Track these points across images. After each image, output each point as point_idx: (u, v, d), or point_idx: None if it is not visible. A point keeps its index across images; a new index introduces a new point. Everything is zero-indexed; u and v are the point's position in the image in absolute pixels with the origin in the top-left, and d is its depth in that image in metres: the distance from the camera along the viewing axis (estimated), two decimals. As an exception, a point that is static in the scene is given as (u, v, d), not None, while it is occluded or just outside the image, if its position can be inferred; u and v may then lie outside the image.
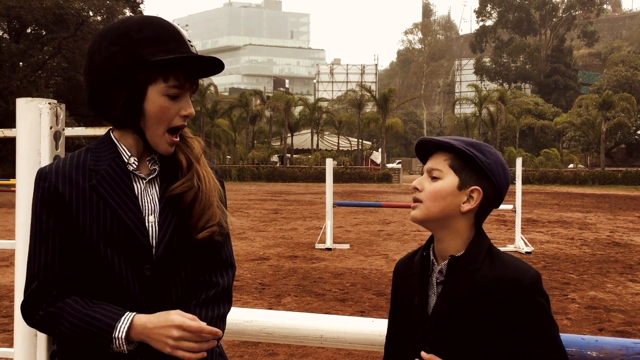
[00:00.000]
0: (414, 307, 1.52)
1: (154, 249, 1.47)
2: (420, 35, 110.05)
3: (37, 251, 1.42)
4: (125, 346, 1.37)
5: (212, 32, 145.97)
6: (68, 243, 1.42)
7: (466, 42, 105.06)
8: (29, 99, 1.53)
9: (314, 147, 51.68)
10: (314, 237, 12.08)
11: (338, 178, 41.45)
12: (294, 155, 53.45)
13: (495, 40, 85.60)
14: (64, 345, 1.49)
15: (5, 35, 37.09)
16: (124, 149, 1.49)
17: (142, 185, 1.50)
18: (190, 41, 1.51)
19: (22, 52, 34.64)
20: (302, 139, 55.66)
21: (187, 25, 48.76)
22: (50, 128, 1.58)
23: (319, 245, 10.85)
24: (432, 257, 1.53)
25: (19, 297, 1.61)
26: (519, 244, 10.55)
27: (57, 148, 1.59)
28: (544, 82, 74.90)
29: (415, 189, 1.51)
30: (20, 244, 1.59)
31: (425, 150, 1.55)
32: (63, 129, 1.62)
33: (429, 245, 1.57)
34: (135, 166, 1.50)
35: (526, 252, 10.27)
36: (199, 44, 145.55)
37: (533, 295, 1.43)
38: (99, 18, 37.10)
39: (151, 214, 1.49)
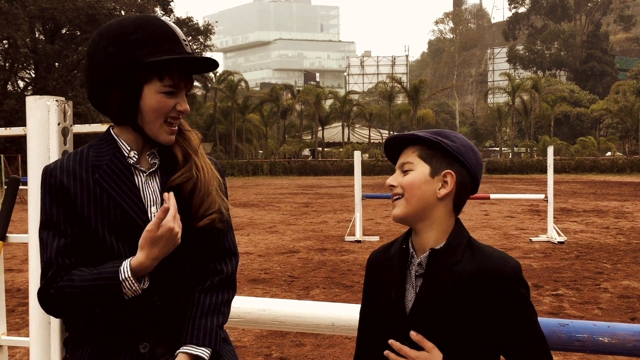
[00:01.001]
0: (391, 300, 1.51)
1: None
2: (451, 24, 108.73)
3: (49, 241, 1.48)
4: (136, 285, 1.43)
5: (242, 27, 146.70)
6: (78, 233, 1.48)
7: (499, 30, 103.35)
8: (38, 96, 1.60)
9: (345, 140, 51.63)
10: (343, 229, 12.11)
11: (369, 171, 41.40)
12: (325, 149, 53.50)
13: (528, 28, 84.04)
14: (75, 329, 1.55)
15: (41, 37, 37.96)
16: (124, 144, 1.56)
17: (143, 178, 1.56)
18: (185, 40, 1.55)
19: (57, 53, 35.44)
20: (333, 132, 55.67)
21: (216, 22, 49.04)
22: (58, 124, 1.64)
23: (348, 238, 10.87)
24: (411, 250, 1.53)
25: (33, 287, 1.67)
26: (552, 234, 10.39)
27: (65, 143, 1.66)
28: (579, 68, 73.29)
29: (391, 186, 1.52)
30: (33, 236, 1.65)
31: (394, 150, 1.57)
32: (71, 125, 1.68)
33: (407, 238, 1.56)
34: (135, 159, 1.56)
35: (559, 242, 10.11)
36: (230, 40, 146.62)
37: (515, 286, 1.44)
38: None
39: (153, 205, 1.55)
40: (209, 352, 1.51)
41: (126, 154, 1.55)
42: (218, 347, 1.54)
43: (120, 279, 1.41)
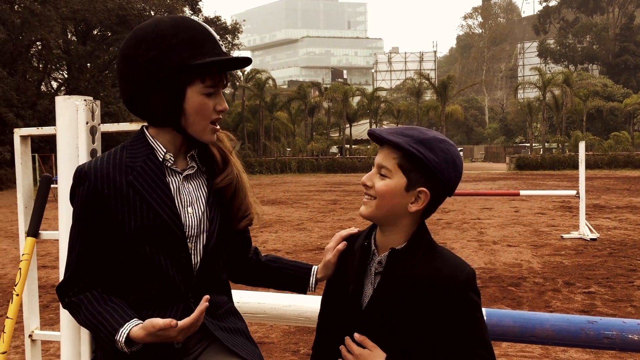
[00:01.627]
0: (348, 294, 1.54)
1: (193, 238, 1.57)
2: (480, 19, 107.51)
3: (74, 243, 1.54)
4: (126, 349, 1.46)
5: (270, 26, 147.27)
6: (103, 238, 1.52)
7: (529, 24, 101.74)
8: (67, 96, 1.63)
9: (373, 137, 51.41)
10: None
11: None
12: (353, 146, 53.42)
13: (559, 21, 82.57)
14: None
15: (73, 38, 38.67)
16: (159, 146, 1.58)
17: (179, 179, 1.59)
18: (220, 40, 1.58)
19: (89, 54, 36.08)
20: (361, 129, 55.52)
21: (244, 21, 49.32)
22: (87, 123, 1.68)
23: (376, 235, 10.83)
24: (373, 247, 1.55)
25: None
26: (584, 231, 10.21)
27: (93, 142, 1.69)
28: (612, 62, 71.76)
29: (365, 185, 1.51)
30: (63, 234, 1.69)
31: (378, 140, 1.53)
32: (99, 124, 1.71)
33: (370, 234, 1.58)
34: (171, 162, 1.58)
35: (591, 239, 9.93)
36: (257, 39, 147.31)
37: (468, 293, 1.46)
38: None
39: (189, 206, 1.58)
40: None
41: (161, 157, 1.57)
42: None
43: (115, 338, 1.45)
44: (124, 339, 1.44)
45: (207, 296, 1.44)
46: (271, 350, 4.76)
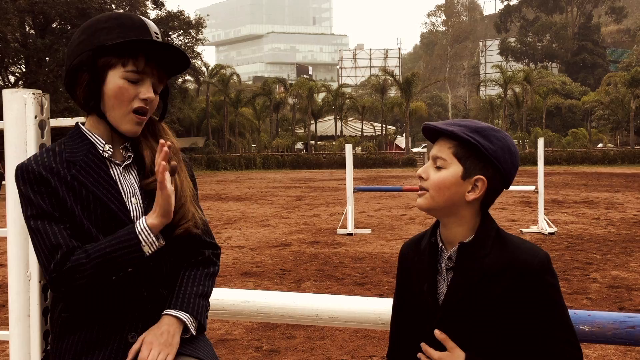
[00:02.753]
0: (424, 294, 1.51)
1: None
2: (443, 17, 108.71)
3: (49, 229, 1.46)
4: (152, 237, 1.46)
5: (235, 21, 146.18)
6: (69, 222, 1.49)
7: (491, 23, 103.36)
8: (14, 89, 1.60)
9: (338, 133, 51.62)
10: (336, 222, 12.13)
11: (362, 163, 41.44)
12: (318, 142, 53.48)
13: (520, 20, 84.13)
14: (61, 321, 1.56)
15: (31, 31, 37.68)
16: (97, 138, 1.58)
17: (119, 170, 1.59)
18: (157, 33, 1.56)
19: (48, 47, 35.17)
20: (326, 125, 55.63)
21: (208, 15, 48.80)
22: (35, 117, 1.64)
23: (340, 231, 10.89)
24: (440, 243, 1.53)
25: (12, 280, 1.67)
26: (542, 225, 10.44)
27: (42, 137, 1.66)
28: (571, 60, 73.47)
29: (421, 177, 1.50)
30: (11, 230, 1.65)
31: (432, 134, 1.54)
32: (48, 118, 1.68)
33: (435, 231, 1.56)
34: (110, 153, 1.58)
35: (549, 233, 10.16)
36: (222, 34, 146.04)
37: (544, 277, 1.43)
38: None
39: (132, 197, 1.57)
40: (190, 318, 1.55)
41: (101, 148, 1.57)
42: (201, 317, 1.58)
43: (137, 231, 1.44)
44: (145, 224, 1.46)
45: (162, 141, 1.44)
46: (234, 347, 4.74)
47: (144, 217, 1.48)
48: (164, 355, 1.46)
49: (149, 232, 1.45)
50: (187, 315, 1.55)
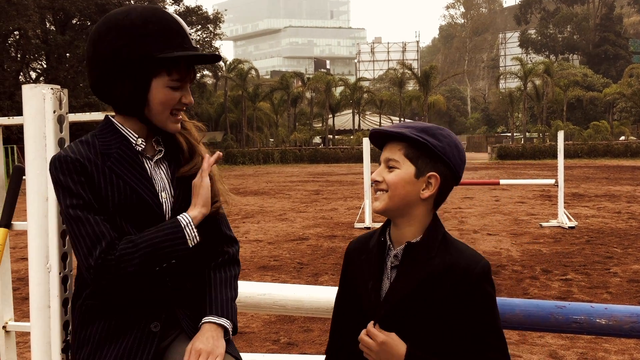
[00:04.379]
0: (368, 291, 1.56)
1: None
2: (462, 9, 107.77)
3: (90, 219, 1.48)
4: (195, 231, 1.55)
5: (252, 15, 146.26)
6: (106, 210, 1.54)
7: (510, 15, 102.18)
8: (33, 85, 1.63)
9: (356, 127, 51.50)
10: (353, 216, 12.13)
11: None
12: (336, 136, 53.41)
13: (540, 11, 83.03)
14: (86, 310, 1.58)
15: (52, 27, 38.07)
16: (130, 132, 1.61)
17: (151, 164, 1.63)
18: (190, 33, 1.59)
19: (68, 43, 35.51)
20: (344, 119, 55.55)
21: (226, 10, 48.93)
22: (54, 112, 1.67)
23: (358, 225, 10.89)
24: (388, 242, 1.57)
25: (33, 272, 1.71)
26: (562, 219, 10.34)
27: (61, 131, 1.68)
28: (592, 52, 72.42)
29: (376, 181, 1.55)
30: (32, 224, 1.68)
31: (378, 140, 1.59)
32: (66, 113, 1.70)
33: (385, 230, 1.60)
34: (143, 147, 1.62)
35: (569, 227, 10.06)
36: (240, 28, 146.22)
37: (482, 284, 1.49)
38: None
39: (163, 191, 1.61)
40: (230, 324, 1.60)
41: (134, 142, 1.60)
42: (235, 321, 1.65)
43: (182, 225, 1.52)
44: (189, 219, 1.55)
45: (219, 153, 1.62)
46: (252, 339, 4.77)
47: (185, 213, 1.56)
48: (212, 359, 1.50)
49: (193, 226, 1.54)
50: (228, 321, 1.61)
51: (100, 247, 1.46)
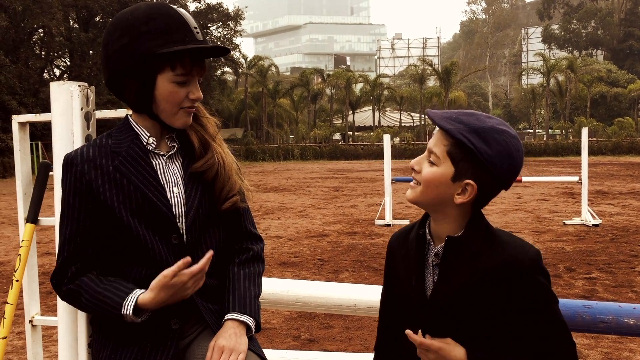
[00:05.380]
0: (412, 287, 1.48)
1: (181, 218, 1.58)
2: (484, 4, 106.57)
3: (62, 231, 1.57)
4: (134, 319, 1.50)
5: (272, 12, 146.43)
6: (93, 224, 1.55)
7: (533, 10, 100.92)
8: (62, 82, 1.64)
9: (376, 124, 51.35)
10: (374, 213, 12.10)
11: (400, 154, 41.13)
12: (356, 133, 53.29)
13: (564, 6, 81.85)
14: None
15: (75, 25, 38.53)
16: (142, 131, 1.62)
17: (162, 161, 1.62)
18: (196, 27, 1.58)
19: (91, 41, 35.93)
20: (364, 116, 55.38)
21: (246, 7, 49.07)
22: (81, 109, 1.69)
23: (378, 222, 10.86)
24: (428, 237, 1.49)
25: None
26: (586, 217, 10.20)
27: (88, 128, 1.70)
28: (617, 47, 71.25)
29: (413, 169, 1.45)
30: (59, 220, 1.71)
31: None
32: (93, 110, 1.72)
33: (424, 223, 1.51)
34: (154, 145, 1.62)
35: (593, 225, 9.93)
36: (260, 25, 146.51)
37: (534, 275, 1.39)
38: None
39: (175, 186, 1.60)
40: (253, 322, 1.59)
41: (145, 140, 1.61)
42: (259, 318, 1.63)
43: (122, 312, 1.48)
44: (131, 311, 1.48)
45: (211, 252, 1.49)
46: (272, 335, 4.79)
47: (136, 298, 1.48)
48: (235, 356, 1.50)
49: (131, 316, 1.49)
50: (250, 318, 1.60)
51: (57, 264, 1.56)
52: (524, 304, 1.39)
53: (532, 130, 55.79)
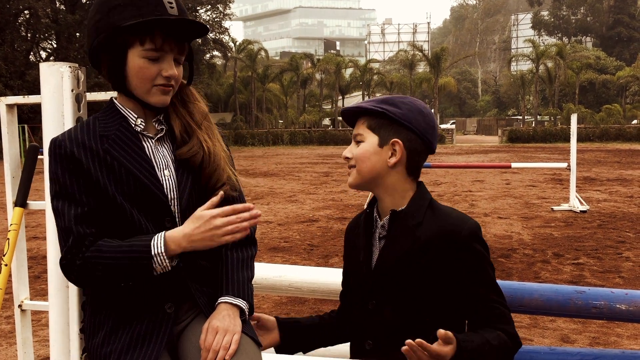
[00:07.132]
0: (360, 263, 1.60)
1: (174, 201, 1.56)
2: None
3: (66, 210, 1.48)
4: (167, 261, 1.46)
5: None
6: (94, 203, 1.50)
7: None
8: (51, 63, 1.61)
9: (366, 109, 51.29)
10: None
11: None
12: (346, 118, 53.22)
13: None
14: (99, 292, 1.58)
15: (62, 7, 37.99)
16: (130, 112, 1.59)
17: (152, 143, 1.59)
18: (171, 2, 1.52)
19: (78, 23, 35.42)
20: (354, 101, 55.30)
21: (236, -10, 48.64)
22: (72, 91, 1.65)
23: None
24: (375, 215, 1.61)
25: (51, 252, 1.70)
26: (574, 203, 10.28)
27: (79, 110, 1.67)
28: (606, 34, 71.47)
29: (347, 158, 1.60)
30: (49, 203, 1.67)
31: (350, 118, 1.64)
32: (84, 92, 1.68)
33: (373, 204, 1.65)
34: (142, 127, 1.59)
35: (581, 211, 10.01)
36: (249, 9, 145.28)
37: (472, 244, 1.50)
38: None
39: (166, 169, 1.57)
40: (246, 305, 1.58)
41: (133, 122, 1.58)
42: (252, 301, 1.62)
43: (153, 253, 1.44)
44: (162, 247, 1.44)
45: (221, 192, 1.51)
46: (263, 320, 4.79)
47: (164, 234, 1.46)
48: (229, 337, 1.48)
49: (164, 257, 1.44)
50: (244, 301, 1.58)
51: (67, 245, 1.46)
52: (462, 271, 1.50)
53: (520, 117, 56.02)
